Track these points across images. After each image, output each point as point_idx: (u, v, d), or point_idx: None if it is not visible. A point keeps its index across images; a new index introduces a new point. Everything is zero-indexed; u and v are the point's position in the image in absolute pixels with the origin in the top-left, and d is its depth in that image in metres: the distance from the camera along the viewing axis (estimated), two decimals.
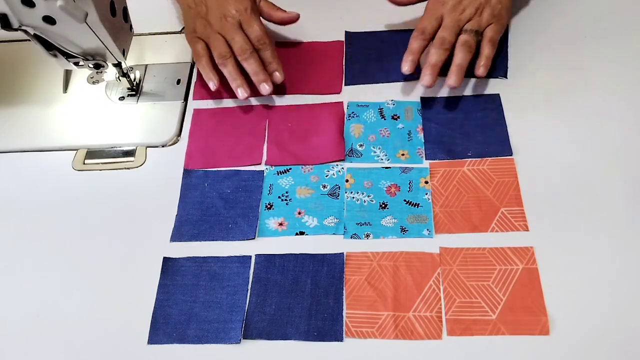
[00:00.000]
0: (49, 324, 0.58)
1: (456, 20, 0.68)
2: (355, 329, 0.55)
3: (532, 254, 0.58)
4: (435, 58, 0.67)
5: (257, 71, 0.68)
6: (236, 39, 0.68)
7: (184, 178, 0.67)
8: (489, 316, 0.55)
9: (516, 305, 0.55)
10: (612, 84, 0.69)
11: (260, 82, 0.69)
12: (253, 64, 0.68)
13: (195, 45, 0.71)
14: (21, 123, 0.73)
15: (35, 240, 0.64)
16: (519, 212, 0.60)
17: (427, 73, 0.67)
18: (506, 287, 0.56)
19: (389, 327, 0.55)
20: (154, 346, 0.56)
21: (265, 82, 0.69)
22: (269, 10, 0.73)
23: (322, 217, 0.62)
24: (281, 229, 0.62)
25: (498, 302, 0.55)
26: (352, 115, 0.71)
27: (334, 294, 0.57)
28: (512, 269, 0.57)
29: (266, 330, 0.56)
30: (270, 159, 0.68)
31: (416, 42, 0.69)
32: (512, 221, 0.60)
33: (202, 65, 0.70)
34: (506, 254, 0.58)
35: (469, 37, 0.67)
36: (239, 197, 0.65)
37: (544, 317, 0.54)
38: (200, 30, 0.70)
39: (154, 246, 0.62)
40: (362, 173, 0.65)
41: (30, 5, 0.59)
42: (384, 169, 0.65)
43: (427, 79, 0.67)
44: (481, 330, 0.54)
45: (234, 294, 0.58)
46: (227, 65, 0.69)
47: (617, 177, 0.62)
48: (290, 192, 0.65)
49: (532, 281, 0.56)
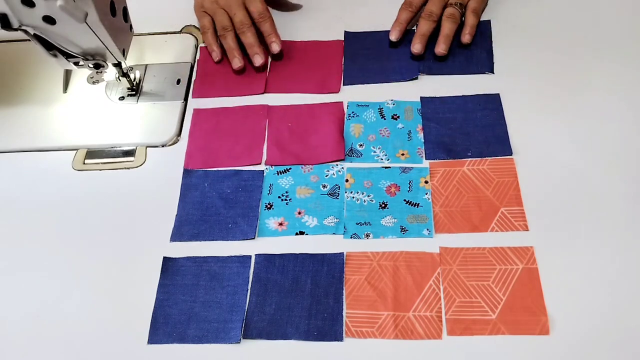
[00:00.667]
0: (49, 324, 0.58)
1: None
2: (355, 328, 0.55)
3: (532, 253, 0.58)
4: (425, 28, 0.73)
5: (252, 44, 0.74)
6: (238, 14, 0.74)
7: (184, 178, 0.67)
8: (489, 316, 0.55)
9: (516, 305, 0.55)
10: (612, 84, 0.69)
11: (254, 54, 0.74)
12: (250, 38, 0.74)
13: (202, 19, 0.77)
14: (21, 123, 0.73)
15: (35, 240, 0.64)
16: (519, 211, 0.60)
17: (417, 42, 0.73)
18: (506, 287, 0.56)
19: (389, 327, 0.55)
20: (154, 346, 0.56)
21: (258, 54, 0.74)
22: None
23: (322, 217, 0.62)
24: (281, 229, 0.62)
25: (498, 302, 0.55)
26: (352, 115, 0.71)
27: (334, 293, 0.57)
28: (512, 269, 0.57)
29: (266, 330, 0.56)
30: (270, 159, 0.68)
31: (404, 13, 0.75)
32: (512, 221, 0.60)
33: (207, 37, 0.77)
34: (506, 254, 0.58)
35: (454, 10, 0.74)
36: (239, 197, 0.65)
37: (544, 317, 0.54)
38: (207, 5, 0.77)
39: (154, 246, 0.62)
40: (362, 173, 0.65)
41: (30, 5, 0.59)
42: (384, 168, 0.65)
43: (417, 47, 0.73)
44: (481, 330, 0.54)
45: (234, 293, 0.58)
46: (227, 37, 0.75)
47: (617, 177, 0.62)
48: (290, 192, 0.65)
49: (532, 281, 0.56)
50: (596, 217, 0.59)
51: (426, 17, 0.74)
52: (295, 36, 0.78)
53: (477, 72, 0.72)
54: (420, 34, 0.73)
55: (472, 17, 0.74)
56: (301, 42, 0.78)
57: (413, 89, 0.72)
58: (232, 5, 0.75)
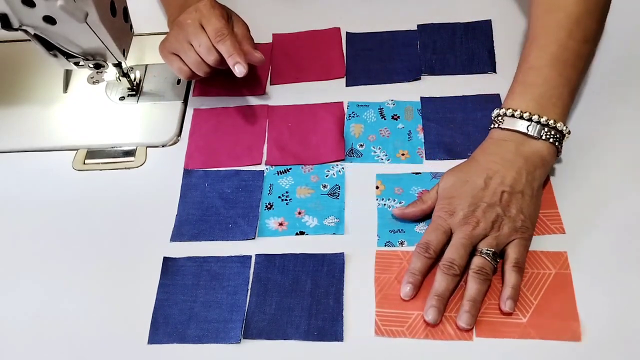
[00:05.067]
0: (49, 324, 0.58)
1: (468, 237, 0.55)
2: (385, 327, 0.54)
3: (566, 259, 0.56)
4: (443, 286, 0.54)
5: (231, 52, 0.65)
6: (199, 35, 0.66)
7: (184, 178, 0.67)
8: (519, 319, 0.54)
9: (547, 309, 0.54)
10: (618, 75, 0.69)
11: (235, 63, 0.65)
12: (228, 45, 0.65)
13: (172, 63, 0.69)
14: (21, 123, 0.73)
15: (35, 240, 0.64)
16: (554, 214, 0.59)
17: (431, 305, 0.54)
18: (538, 291, 0.55)
19: (419, 327, 0.54)
20: (154, 346, 0.56)
21: (240, 62, 0.64)
22: (242, 39, 0.69)
23: (322, 217, 0.62)
24: (281, 229, 0.62)
25: (529, 306, 0.54)
26: (352, 115, 0.71)
27: (334, 293, 0.57)
28: (544, 273, 0.56)
29: (266, 330, 0.56)
30: (270, 159, 0.68)
31: (419, 260, 0.56)
32: (547, 224, 0.59)
33: (187, 73, 0.69)
34: (539, 258, 0.57)
35: (484, 261, 0.55)
36: (239, 197, 0.65)
37: (575, 323, 0.53)
38: (171, 45, 0.69)
39: (154, 246, 0.62)
40: (393, 179, 0.64)
41: (30, 5, 0.59)
42: (414, 174, 0.65)
43: (431, 314, 0.53)
44: (511, 333, 0.53)
45: (234, 293, 0.58)
46: (201, 70, 0.67)
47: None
48: (290, 192, 0.65)
49: (565, 286, 0.55)
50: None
51: (446, 269, 0.54)
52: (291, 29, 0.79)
53: (479, 72, 0.72)
54: (436, 294, 0.54)
55: (515, 274, 0.54)
56: (297, 33, 0.79)
57: (413, 89, 0.72)
58: (190, 33, 0.66)
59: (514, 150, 0.59)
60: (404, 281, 0.56)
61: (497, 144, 0.60)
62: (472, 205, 0.57)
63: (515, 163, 0.58)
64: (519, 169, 0.57)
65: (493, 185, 0.57)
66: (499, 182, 0.57)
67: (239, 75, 0.65)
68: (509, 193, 0.57)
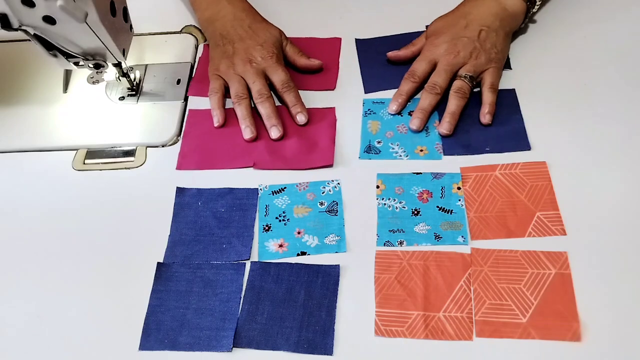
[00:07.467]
0: (47, 325, 0.58)
1: (449, 65, 0.68)
2: (385, 327, 0.54)
3: (566, 259, 0.57)
4: (427, 102, 0.67)
5: (271, 115, 0.69)
6: (256, 82, 0.70)
7: (177, 197, 0.65)
8: (519, 319, 0.54)
9: (547, 309, 0.54)
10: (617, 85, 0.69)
11: (271, 126, 0.68)
12: (268, 108, 0.69)
13: (215, 81, 0.73)
14: (21, 123, 0.73)
15: (35, 241, 0.63)
16: (555, 215, 0.59)
17: (416, 116, 0.67)
18: (538, 291, 0.55)
19: (419, 327, 0.54)
20: (144, 352, 0.55)
21: (276, 126, 0.68)
22: (294, 55, 0.75)
23: (323, 235, 0.61)
24: (282, 251, 0.61)
25: (529, 306, 0.54)
26: (369, 112, 0.70)
27: (327, 306, 0.56)
28: (544, 273, 0.56)
29: (256, 339, 0.55)
30: (259, 162, 0.67)
31: (406, 84, 0.69)
32: (548, 225, 0.59)
33: (214, 100, 0.71)
34: (539, 258, 0.57)
35: (463, 83, 0.67)
36: (233, 216, 0.63)
37: (575, 323, 0.53)
38: (223, 69, 0.72)
39: (154, 246, 0.62)
40: (393, 179, 0.64)
41: (30, 5, 0.59)
42: (415, 174, 0.64)
43: (415, 122, 0.67)
44: (511, 333, 0.53)
45: (227, 301, 0.57)
46: (242, 104, 0.70)
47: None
48: (287, 212, 0.63)
49: (565, 286, 0.55)
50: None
51: (429, 89, 0.68)
52: (295, 36, 0.78)
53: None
54: (420, 108, 0.67)
55: (491, 93, 0.67)
56: (298, 39, 0.78)
57: None
58: (251, 75, 0.70)
59: (494, 3, 0.71)
60: (393, 100, 0.69)
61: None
62: (454, 39, 0.69)
63: (492, 9, 0.71)
64: (495, 14, 0.70)
65: (473, 25, 0.70)
66: (479, 23, 0.70)
67: (300, 123, 0.70)
68: (486, 31, 0.69)
